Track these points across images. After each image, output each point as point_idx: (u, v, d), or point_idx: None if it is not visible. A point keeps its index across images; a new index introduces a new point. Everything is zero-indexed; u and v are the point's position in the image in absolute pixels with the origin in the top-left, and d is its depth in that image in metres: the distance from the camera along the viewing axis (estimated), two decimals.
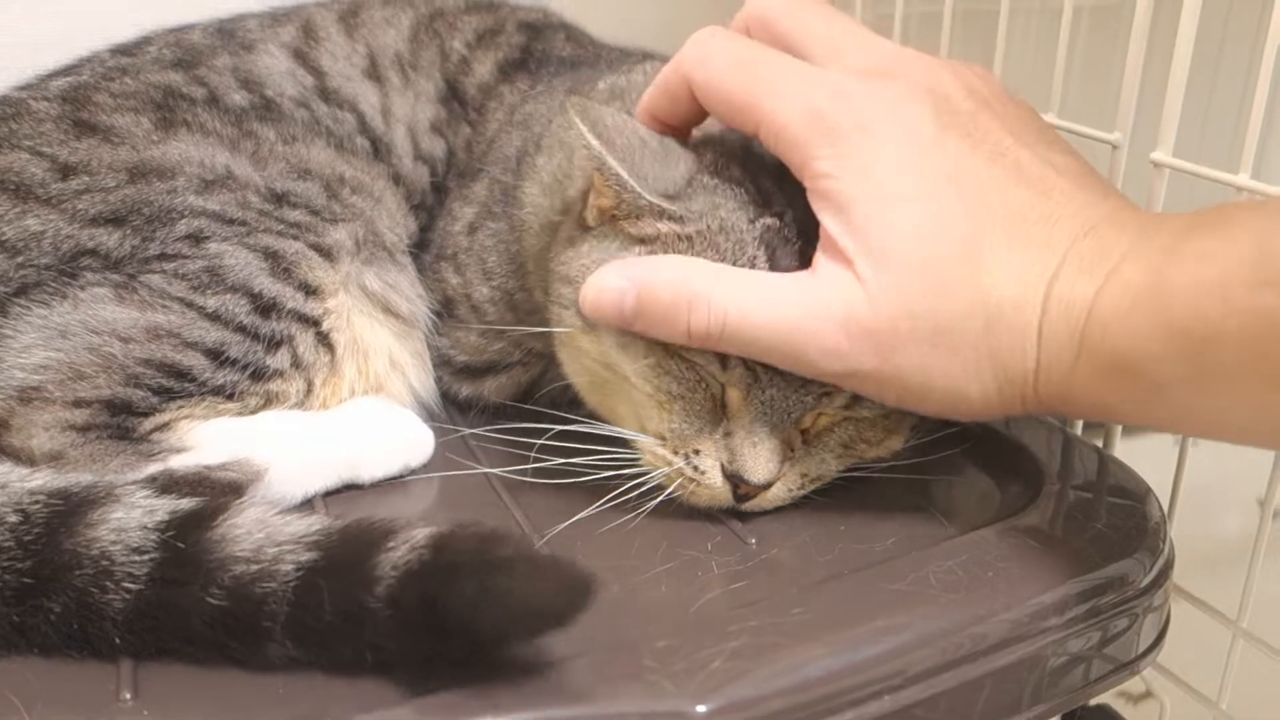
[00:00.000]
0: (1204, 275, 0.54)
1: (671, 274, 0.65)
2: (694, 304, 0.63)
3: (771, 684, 0.55)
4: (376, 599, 0.55)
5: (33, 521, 0.59)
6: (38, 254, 0.72)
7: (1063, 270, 0.60)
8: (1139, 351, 0.57)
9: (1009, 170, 0.62)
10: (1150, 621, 0.66)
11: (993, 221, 0.61)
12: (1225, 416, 0.57)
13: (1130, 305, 0.57)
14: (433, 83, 0.92)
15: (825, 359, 0.62)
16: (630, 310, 0.65)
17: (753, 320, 0.63)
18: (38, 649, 0.57)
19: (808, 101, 0.63)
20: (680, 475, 0.69)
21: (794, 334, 0.62)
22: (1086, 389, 0.60)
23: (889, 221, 0.61)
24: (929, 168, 0.61)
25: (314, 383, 0.77)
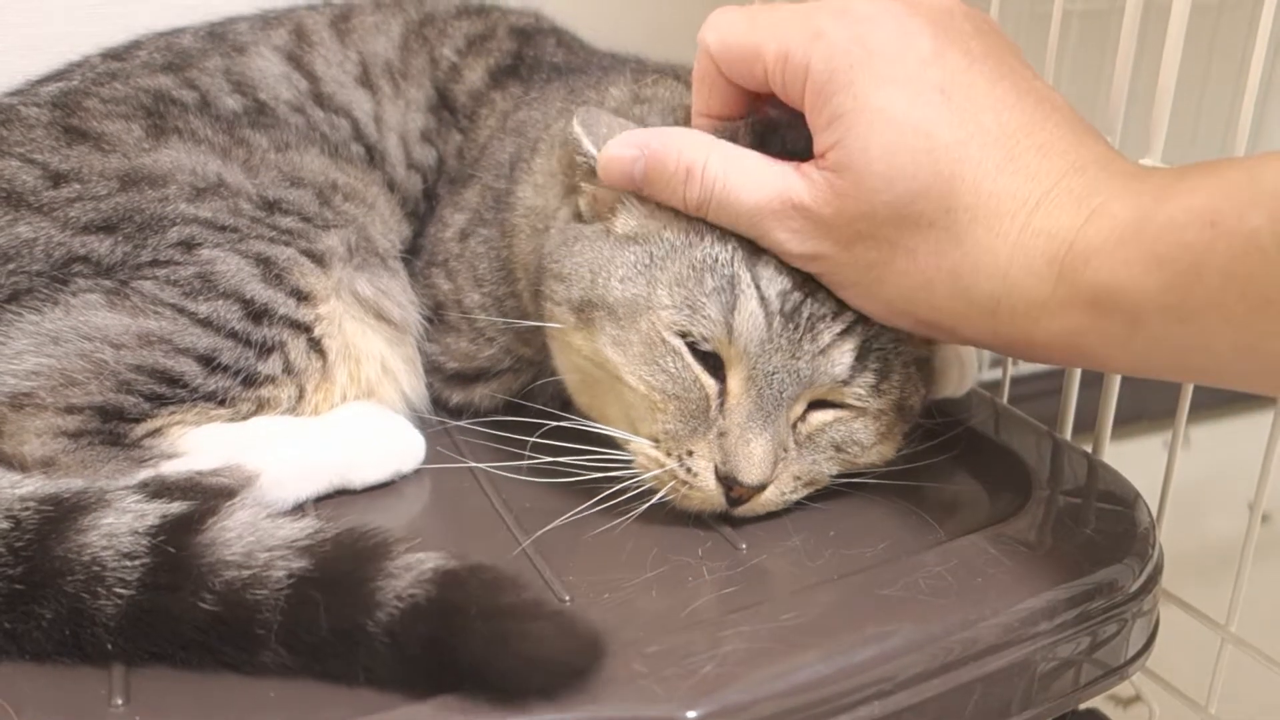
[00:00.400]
0: (1192, 204, 0.54)
1: (675, 143, 0.68)
2: (690, 173, 0.67)
3: (762, 689, 0.55)
4: (376, 624, 0.55)
5: (24, 528, 0.59)
6: (29, 261, 0.72)
7: (1046, 201, 0.60)
8: (1121, 283, 0.57)
9: (1008, 92, 0.63)
10: (1139, 626, 0.66)
11: (982, 139, 0.61)
12: (1205, 349, 0.56)
13: (1117, 238, 0.57)
14: (423, 91, 0.92)
15: (789, 239, 0.66)
16: (639, 174, 0.69)
17: (735, 195, 0.66)
18: (29, 655, 0.57)
19: (811, 27, 0.64)
20: (673, 478, 0.69)
21: (765, 214, 0.66)
22: (1059, 323, 0.60)
23: (867, 132, 0.62)
24: (922, 79, 0.62)
25: (306, 388, 0.77)
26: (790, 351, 0.67)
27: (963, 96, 0.62)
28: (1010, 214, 0.60)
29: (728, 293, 0.67)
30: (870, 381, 0.70)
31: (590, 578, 0.65)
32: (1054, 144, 0.62)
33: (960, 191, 0.61)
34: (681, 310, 0.68)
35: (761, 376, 0.68)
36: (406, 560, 0.58)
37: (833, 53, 0.63)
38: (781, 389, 0.68)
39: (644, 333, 0.69)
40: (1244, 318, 0.53)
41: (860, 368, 0.69)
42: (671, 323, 0.68)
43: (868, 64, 0.62)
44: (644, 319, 0.69)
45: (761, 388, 0.68)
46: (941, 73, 0.62)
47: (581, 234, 0.73)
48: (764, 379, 0.68)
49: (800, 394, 0.69)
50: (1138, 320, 0.57)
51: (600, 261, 0.71)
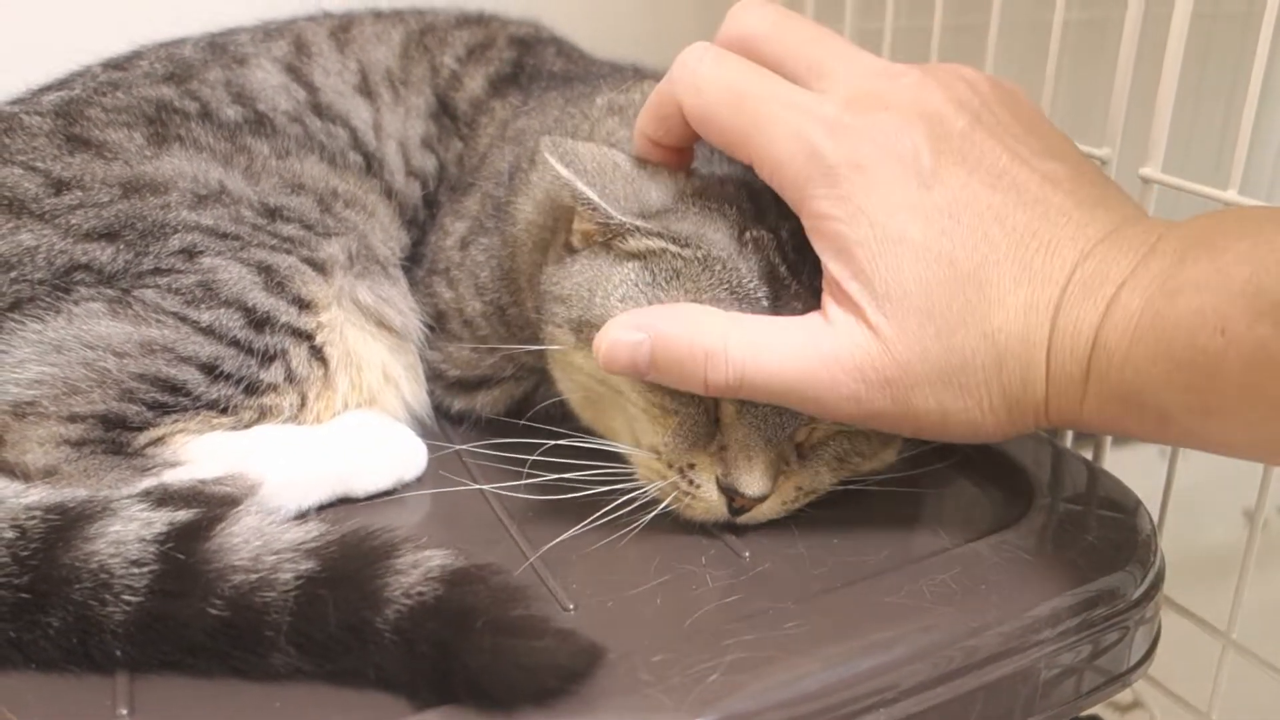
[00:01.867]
0: (1201, 307, 0.55)
1: (685, 326, 0.64)
2: (711, 357, 0.63)
3: (767, 698, 0.56)
4: (385, 621, 0.55)
5: (29, 537, 0.59)
6: (31, 269, 0.72)
7: (1065, 300, 0.60)
8: (1143, 383, 0.57)
9: (1007, 195, 0.62)
10: (1142, 634, 0.66)
11: (995, 255, 0.61)
12: (1232, 441, 0.57)
13: (1132, 337, 0.57)
14: (423, 98, 0.92)
15: (842, 404, 0.62)
16: (645, 363, 0.64)
17: (769, 371, 0.62)
18: (35, 664, 0.57)
19: (803, 139, 0.62)
20: (675, 489, 0.70)
21: (810, 383, 0.62)
22: (1097, 415, 0.61)
23: (893, 266, 0.61)
24: (929, 204, 0.61)
25: (308, 396, 0.77)
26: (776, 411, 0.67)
27: (969, 215, 0.61)
28: (1038, 323, 0.60)
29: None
30: None
31: (594, 586, 0.65)
32: (1059, 236, 0.61)
33: (991, 314, 0.61)
34: None
35: (753, 417, 0.68)
36: (413, 558, 0.58)
37: (835, 179, 0.61)
38: (777, 429, 0.68)
39: None
40: (1265, 418, 0.54)
41: None
42: None
43: (873, 190, 0.61)
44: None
45: (754, 421, 0.68)
46: (945, 194, 0.61)
47: (579, 255, 0.72)
48: (756, 419, 0.68)
49: (796, 430, 0.69)
50: (1167, 416, 0.58)
51: (599, 279, 0.70)
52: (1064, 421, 0.63)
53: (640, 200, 0.69)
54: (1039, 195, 0.63)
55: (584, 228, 0.71)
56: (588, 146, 0.70)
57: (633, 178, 0.70)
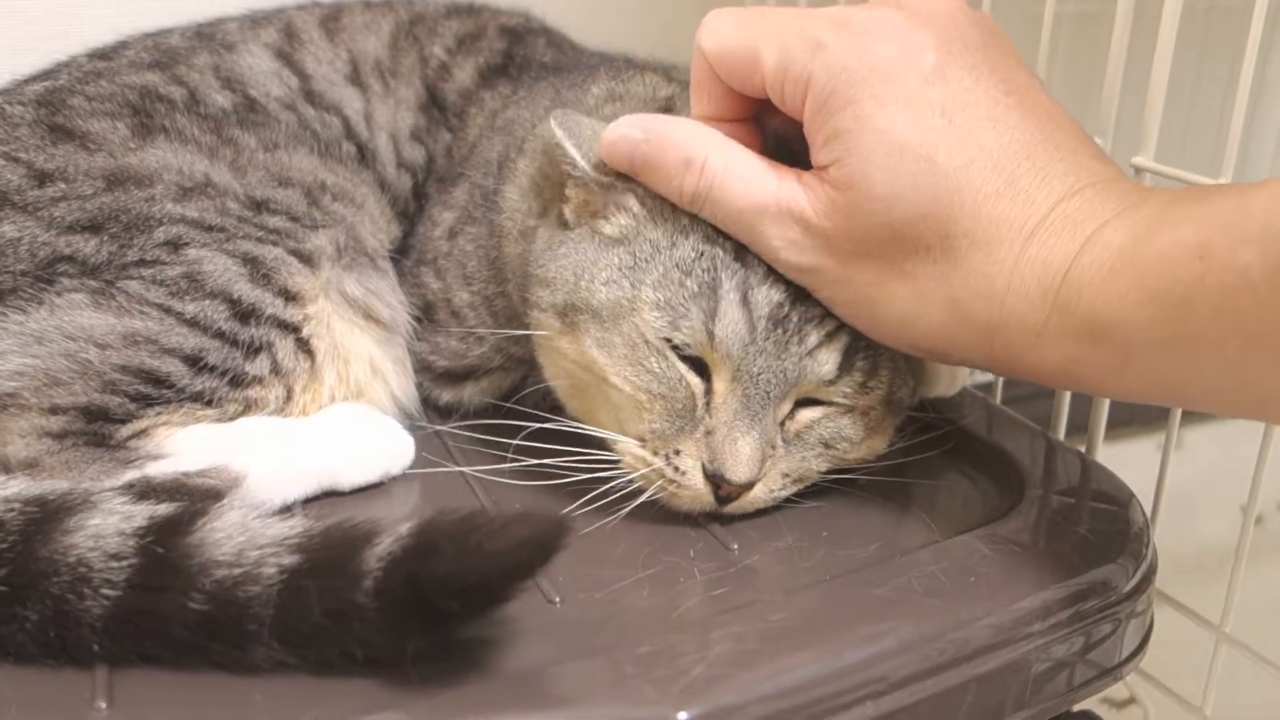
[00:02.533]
0: (1182, 236, 0.54)
1: (681, 133, 0.67)
2: (690, 164, 0.66)
3: (754, 690, 0.55)
4: (365, 594, 0.55)
5: (8, 529, 0.58)
6: (14, 260, 0.71)
7: (1043, 227, 0.60)
8: (1113, 314, 0.56)
9: (1012, 109, 0.62)
10: (1134, 627, 0.66)
11: (982, 163, 0.61)
12: (1198, 381, 0.56)
13: (1109, 270, 0.57)
14: (413, 90, 0.92)
15: (784, 248, 0.65)
16: (640, 157, 0.68)
17: (732, 193, 0.65)
18: (12, 657, 0.57)
19: (809, 37, 0.63)
20: (661, 476, 0.69)
21: (761, 217, 0.65)
22: (1054, 351, 0.60)
23: (868, 154, 0.61)
24: (923, 99, 0.61)
25: (294, 389, 0.76)
26: (775, 354, 0.67)
27: (965, 117, 0.61)
28: (1008, 241, 0.60)
29: (709, 298, 0.67)
30: (858, 380, 0.70)
31: (581, 579, 0.65)
32: (1053, 166, 0.61)
33: (959, 218, 0.61)
34: (664, 314, 0.68)
35: (746, 378, 0.67)
36: (390, 532, 0.57)
37: (834, 68, 0.62)
38: (768, 389, 0.67)
39: (627, 334, 0.69)
40: (1235, 352, 0.53)
41: (848, 366, 0.69)
42: (655, 326, 0.68)
43: (869, 81, 0.61)
44: (627, 321, 0.69)
45: (747, 388, 0.67)
46: (944, 92, 0.62)
47: (566, 238, 0.72)
48: (749, 380, 0.67)
49: (787, 393, 0.69)
50: (1129, 351, 0.57)
51: (584, 264, 0.70)
52: (1010, 355, 0.62)
53: None
54: (1044, 121, 0.63)
55: (572, 195, 0.72)
56: (590, 120, 0.72)
57: None
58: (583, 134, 0.71)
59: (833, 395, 0.70)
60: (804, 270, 0.65)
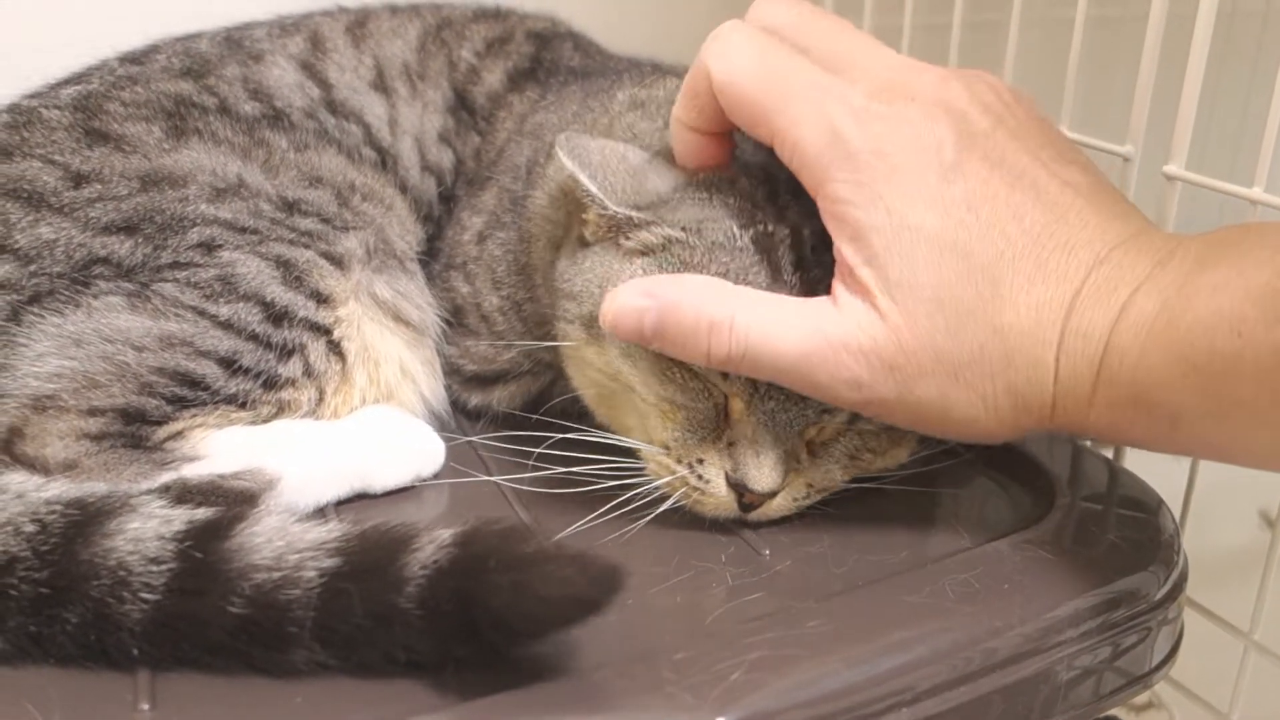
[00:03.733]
0: (1218, 308, 0.54)
1: (693, 295, 0.64)
2: (715, 327, 0.63)
3: (791, 696, 0.55)
4: (408, 599, 0.55)
5: (49, 531, 0.59)
6: (50, 262, 0.72)
7: (1078, 301, 0.60)
8: (1156, 385, 0.57)
9: (1027, 194, 0.62)
10: (1164, 635, 0.66)
11: (1011, 251, 0.61)
12: (1245, 446, 0.57)
13: (1146, 338, 0.57)
14: (440, 93, 0.92)
15: (843, 388, 0.62)
16: (650, 329, 0.64)
17: (773, 346, 0.62)
18: (54, 659, 0.57)
19: (827, 120, 0.62)
20: (685, 484, 0.69)
21: (813, 362, 0.62)
22: (1105, 420, 0.60)
23: (908, 254, 0.60)
24: (948, 196, 0.61)
25: (325, 391, 0.76)
26: (789, 399, 0.67)
27: (988, 210, 0.61)
28: (1050, 322, 0.60)
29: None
30: None
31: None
32: (1076, 237, 0.61)
33: (1003, 310, 0.60)
34: None
35: (761, 411, 0.67)
36: (430, 536, 0.58)
37: (856, 165, 0.61)
38: (787, 425, 0.68)
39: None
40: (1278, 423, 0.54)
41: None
42: None
43: (893, 178, 0.61)
44: None
45: (762, 418, 0.68)
46: (965, 187, 0.61)
47: (590, 252, 0.72)
48: (764, 413, 0.67)
49: (807, 426, 0.69)
50: (1177, 419, 0.57)
51: (609, 275, 0.70)
52: (1070, 425, 0.62)
53: (640, 192, 0.69)
54: (1058, 199, 0.62)
55: (591, 219, 0.71)
56: (598, 142, 0.71)
57: (637, 171, 0.70)
58: (593, 160, 0.69)
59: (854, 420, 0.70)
60: (868, 404, 0.63)
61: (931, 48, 0.95)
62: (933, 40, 0.96)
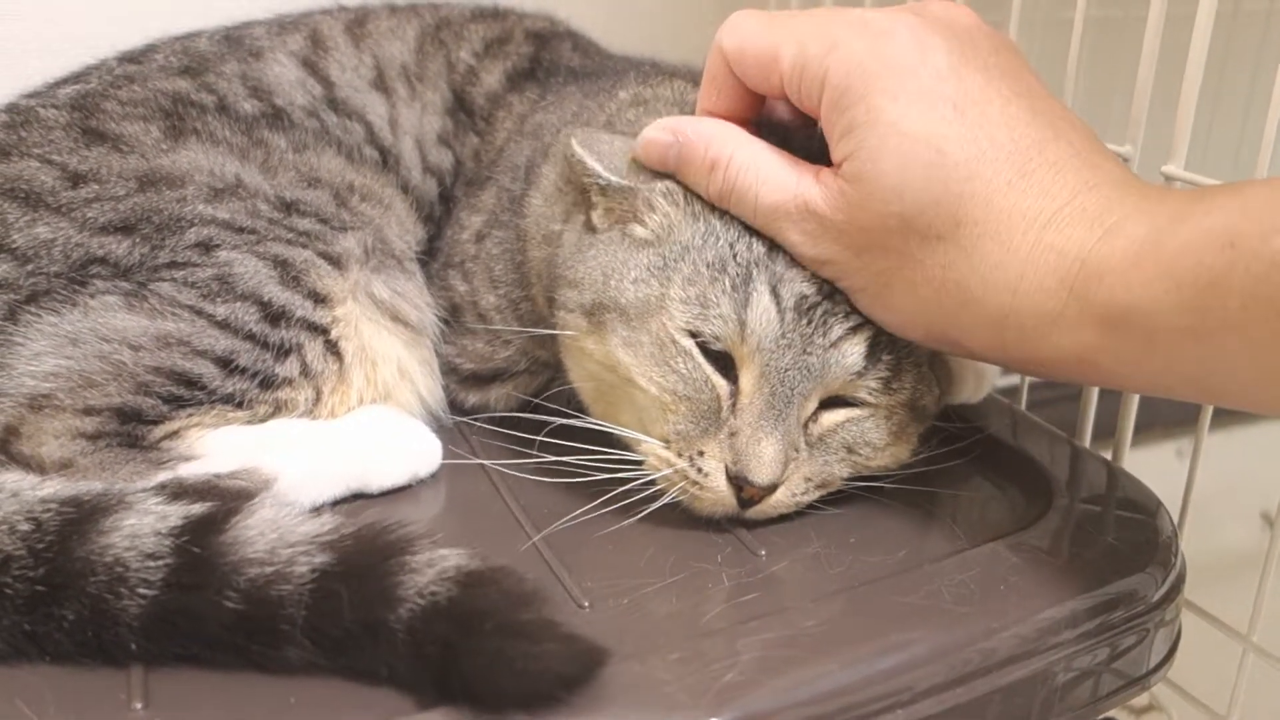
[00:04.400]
0: (1212, 224, 0.54)
1: (707, 134, 0.70)
2: (715, 165, 0.69)
3: (786, 697, 0.55)
4: (398, 620, 0.55)
5: (45, 530, 0.59)
6: (48, 262, 0.72)
7: (1059, 218, 0.60)
8: (1136, 301, 0.56)
9: (1023, 109, 0.63)
10: (1161, 636, 0.66)
11: (995, 153, 0.62)
12: (1223, 371, 0.56)
13: (1132, 257, 0.57)
14: (439, 94, 0.92)
15: (802, 241, 0.67)
16: (674, 158, 0.70)
17: (753, 192, 0.68)
18: (49, 657, 0.57)
19: (826, 37, 0.65)
20: (683, 478, 0.69)
21: (780, 213, 0.67)
22: (1069, 340, 0.60)
23: (879, 147, 0.62)
24: (935, 93, 0.63)
25: (322, 391, 0.76)
26: (802, 347, 0.68)
27: (976, 112, 0.62)
28: (1021, 230, 0.61)
29: (741, 290, 0.68)
30: (882, 377, 0.70)
31: (609, 583, 0.65)
32: (1068, 161, 0.62)
33: (970, 207, 0.61)
34: (693, 307, 0.68)
35: (775, 373, 0.68)
36: (429, 556, 0.58)
37: (849, 65, 0.63)
38: (794, 385, 0.68)
39: (655, 333, 0.69)
40: (1266, 341, 0.53)
41: (873, 361, 0.69)
42: (683, 321, 0.68)
43: (883, 77, 0.63)
44: (655, 320, 0.69)
45: (774, 385, 0.68)
46: (956, 88, 0.63)
47: (595, 240, 0.73)
48: (777, 375, 0.68)
49: (812, 390, 0.69)
50: (1153, 339, 0.57)
51: (614, 264, 0.71)
52: (1023, 346, 0.62)
53: (640, 174, 0.72)
54: (1056, 121, 0.64)
55: (599, 202, 0.73)
56: (610, 135, 0.74)
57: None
58: (602, 149, 0.72)
59: (858, 391, 0.70)
60: (820, 261, 0.67)
61: None
62: None
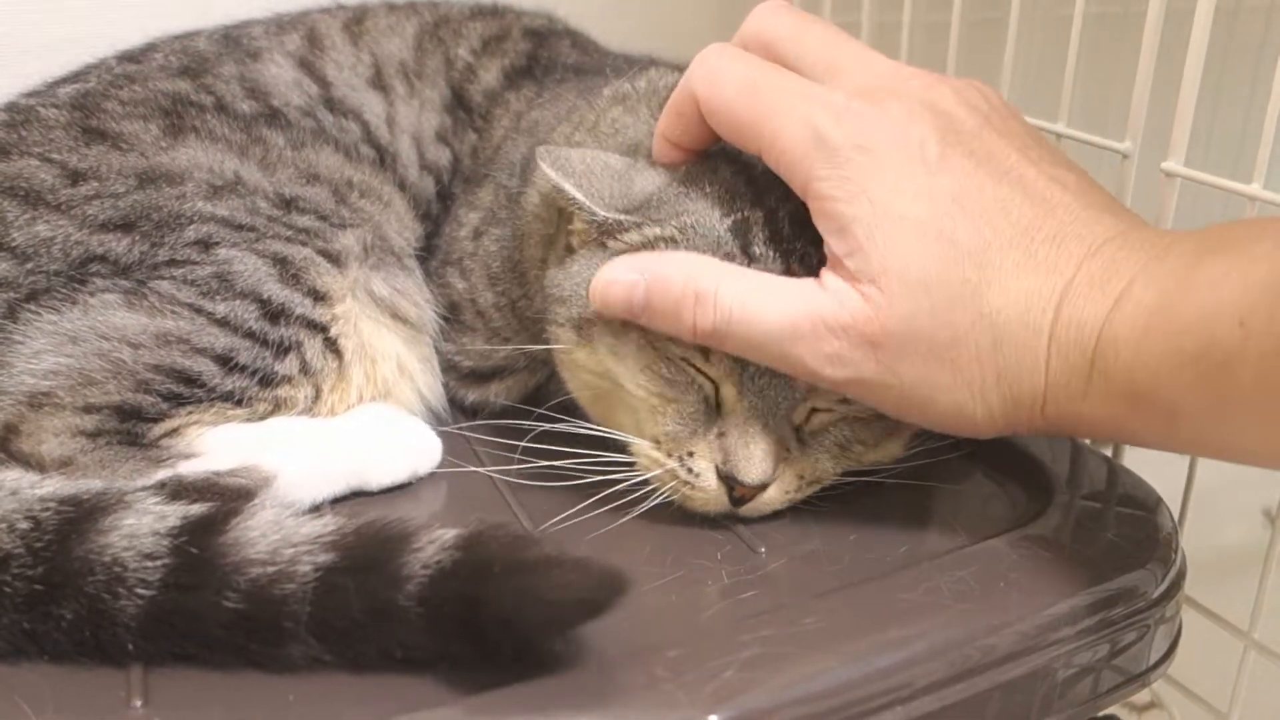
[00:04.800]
0: (1219, 299, 0.54)
1: (680, 268, 0.65)
2: (700, 299, 0.64)
3: (784, 694, 0.55)
4: (408, 597, 0.55)
5: (43, 528, 0.59)
6: (47, 260, 0.72)
7: (1070, 291, 0.60)
8: (1152, 377, 0.56)
9: (1014, 189, 0.62)
10: (1162, 633, 0.66)
11: (999, 240, 0.61)
12: (1243, 442, 0.56)
13: (1143, 329, 0.57)
14: (438, 91, 0.92)
15: (823, 363, 0.62)
16: (639, 302, 0.66)
17: (755, 319, 0.63)
18: (48, 656, 0.57)
19: (809, 123, 0.63)
20: (674, 478, 0.69)
21: (794, 335, 0.62)
22: (1100, 414, 0.60)
23: (892, 241, 0.61)
24: (933, 188, 0.61)
25: (322, 389, 0.76)
26: (775, 374, 0.67)
27: (974, 202, 0.61)
28: (1040, 310, 0.60)
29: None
30: None
31: None
32: (1066, 230, 0.61)
33: (989, 296, 0.60)
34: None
35: (751, 394, 0.67)
36: (430, 535, 0.58)
37: (838, 161, 0.61)
38: (776, 399, 0.68)
39: (637, 342, 0.69)
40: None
41: None
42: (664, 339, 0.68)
43: (876, 172, 0.61)
44: (635, 329, 0.69)
45: (753, 401, 0.68)
46: (950, 180, 0.62)
47: (578, 257, 0.72)
48: (754, 395, 0.67)
49: (797, 404, 0.69)
50: (1175, 415, 0.57)
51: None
52: (1062, 420, 0.62)
53: (626, 196, 0.70)
54: (1045, 193, 0.63)
55: (578, 227, 0.72)
56: (580, 151, 0.71)
57: (621, 175, 0.71)
58: (576, 169, 0.70)
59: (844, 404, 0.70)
60: (850, 383, 0.63)
61: (931, 45, 0.95)
62: (932, 38, 0.96)
